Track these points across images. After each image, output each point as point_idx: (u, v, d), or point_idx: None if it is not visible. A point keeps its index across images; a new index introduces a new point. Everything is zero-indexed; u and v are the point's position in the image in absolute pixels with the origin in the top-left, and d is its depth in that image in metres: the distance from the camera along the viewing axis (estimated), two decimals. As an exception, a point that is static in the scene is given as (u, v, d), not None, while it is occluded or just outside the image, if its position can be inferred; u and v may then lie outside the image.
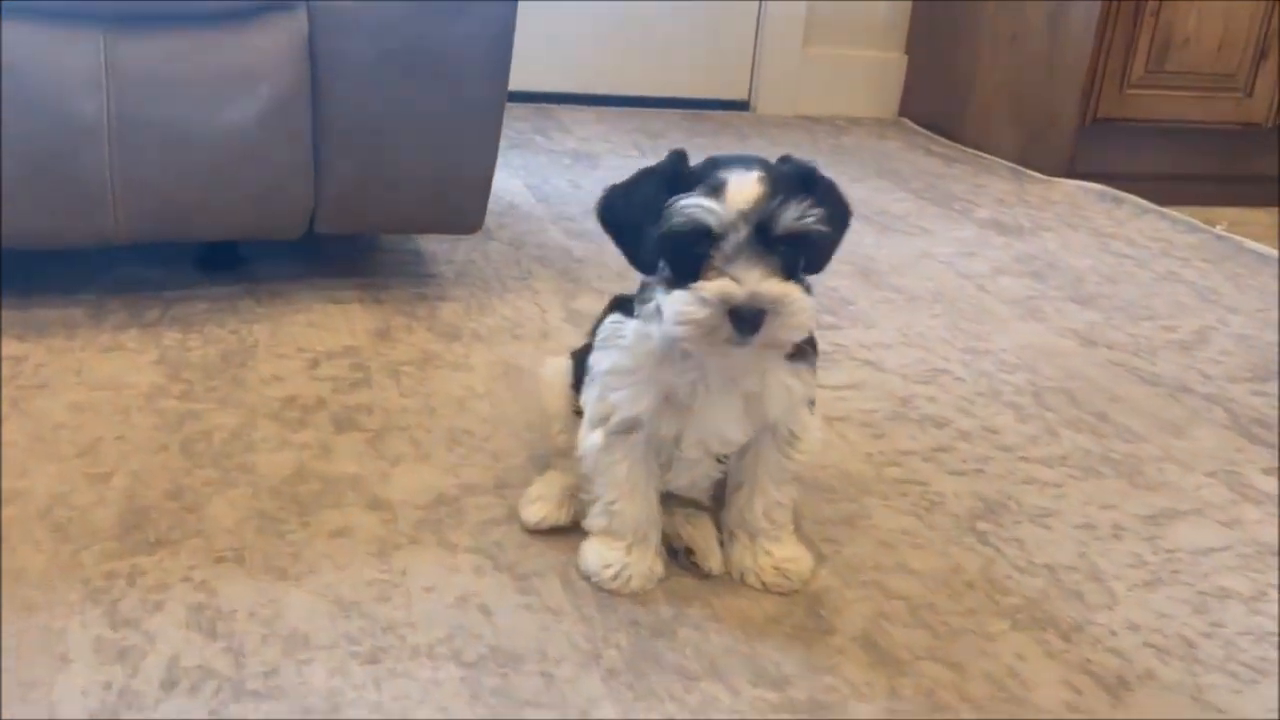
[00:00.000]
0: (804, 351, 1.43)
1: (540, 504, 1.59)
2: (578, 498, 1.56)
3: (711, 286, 1.25)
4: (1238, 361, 2.49)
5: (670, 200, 1.28)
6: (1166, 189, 4.04)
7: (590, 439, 1.47)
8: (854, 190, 3.60)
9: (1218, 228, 3.57)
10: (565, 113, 4.41)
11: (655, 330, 1.37)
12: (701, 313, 1.25)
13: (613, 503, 1.48)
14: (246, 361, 2.04)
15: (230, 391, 1.92)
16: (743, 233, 1.25)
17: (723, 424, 1.41)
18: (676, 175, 1.32)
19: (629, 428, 1.44)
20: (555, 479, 1.62)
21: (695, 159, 1.37)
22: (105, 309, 2.21)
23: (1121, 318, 2.70)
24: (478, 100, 2.32)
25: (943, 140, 4.54)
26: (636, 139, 4.12)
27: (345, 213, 2.30)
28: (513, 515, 1.61)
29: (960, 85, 4.57)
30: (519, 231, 2.95)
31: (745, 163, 1.30)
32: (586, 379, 1.48)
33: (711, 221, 1.25)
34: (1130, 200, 3.78)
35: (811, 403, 1.50)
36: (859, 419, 2.04)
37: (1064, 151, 4.11)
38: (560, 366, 1.65)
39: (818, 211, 1.27)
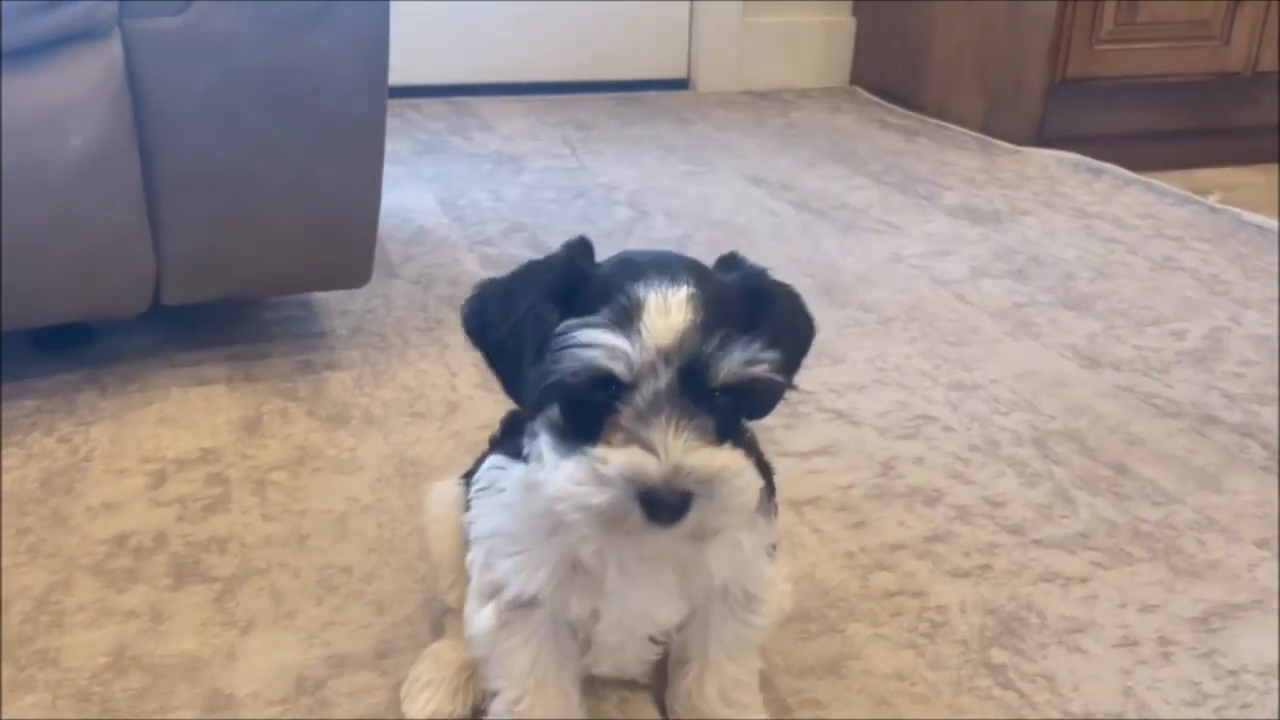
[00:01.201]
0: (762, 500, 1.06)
1: (429, 692, 1.22)
2: (479, 679, 1.19)
3: (616, 460, 0.87)
4: (1261, 373, 2.14)
5: (562, 327, 0.90)
6: (1143, 150, 3.70)
7: (479, 617, 1.10)
8: (808, 180, 3.23)
9: (1210, 198, 3.23)
10: (486, 106, 3.99)
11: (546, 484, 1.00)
12: (599, 496, 0.88)
13: (517, 701, 1.11)
14: (75, 484, 1.64)
15: (47, 535, 1.52)
16: (663, 380, 0.88)
17: (648, 602, 1.05)
18: (573, 284, 0.94)
19: (526, 604, 1.07)
20: (447, 654, 1.25)
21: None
22: (-94, 419, 1.80)
23: (1123, 324, 2.35)
24: (352, 123, 1.91)
25: (899, 110, 4.16)
26: (566, 133, 3.71)
27: (197, 277, 1.89)
28: (395, 702, 1.24)
29: (915, 48, 4.18)
30: (428, 265, 2.55)
31: (671, 271, 0.92)
32: (471, 537, 1.11)
33: (618, 369, 0.88)
34: (1110, 171, 3.43)
35: (773, 546, 1.14)
36: (834, 500, 1.68)
37: (1032, 116, 3.75)
38: (449, 496, 1.27)
39: (771, 355, 0.91)
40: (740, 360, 0.88)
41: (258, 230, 1.88)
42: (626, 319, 0.89)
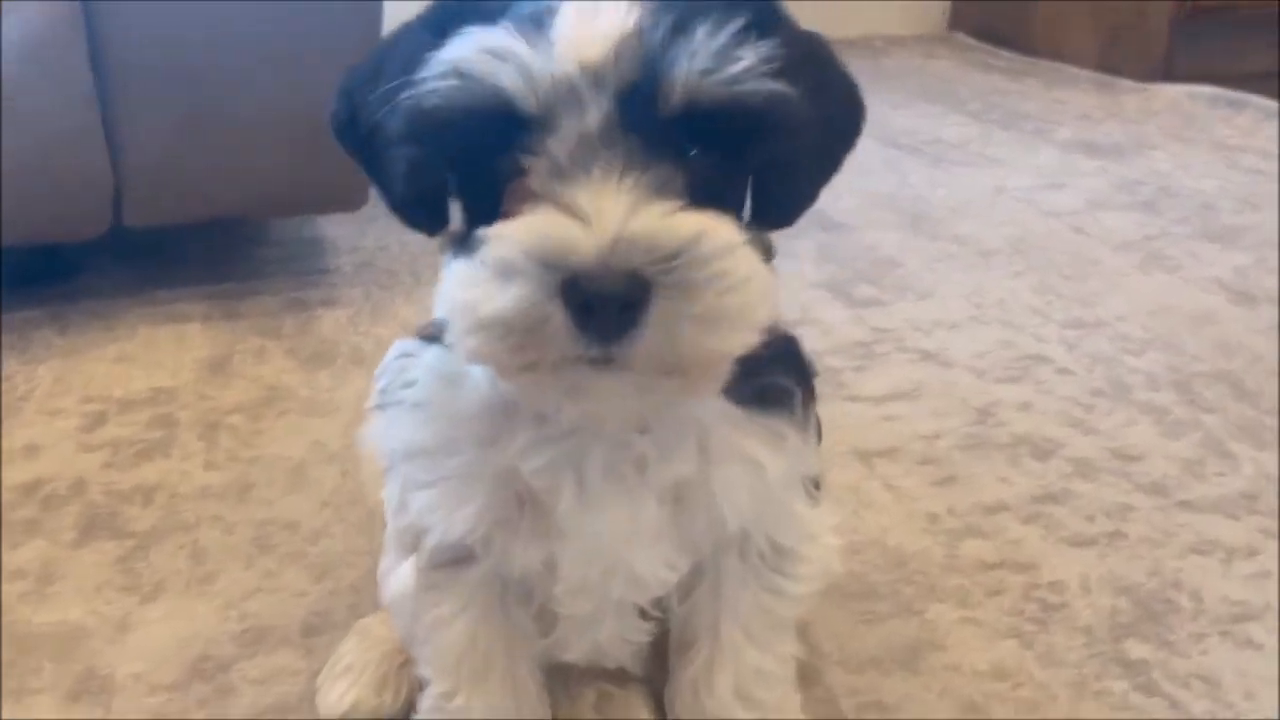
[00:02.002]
0: (782, 392, 0.73)
1: (347, 680, 0.91)
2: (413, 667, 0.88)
3: (518, 231, 0.55)
4: None
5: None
6: (1284, 90, 3.24)
7: (395, 577, 0.79)
8: (897, 119, 2.85)
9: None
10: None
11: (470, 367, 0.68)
12: (499, 297, 0.55)
13: (450, 695, 0.79)
14: (3, 423, 1.39)
15: (-53, 480, 1.27)
16: (594, 114, 0.56)
17: (624, 544, 0.71)
18: (458, 17, 0.61)
19: (457, 557, 0.75)
20: (377, 632, 0.94)
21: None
22: None
23: (1274, 256, 1.93)
24: (343, 5, 1.62)
25: (1004, 53, 3.73)
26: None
27: (163, 194, 1.63)
28: (312, 692, 0.93)
29: (1023, -16, 3.76)
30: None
31: None
32: (381, 464, 0.80)
33: (512, 87, 0.56)
34: (1254, 103, 2.97)
35: (815, 483, 0.80)
36: (915, 451, 1.32)
37: (1156, 53, 3.31)
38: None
39: (774, 60, 0.57)
40: (710, 55, 0.55)
41: (232, 137, 1.61)
42: (531, 25, 0.57)
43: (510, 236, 0.54)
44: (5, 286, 1.74)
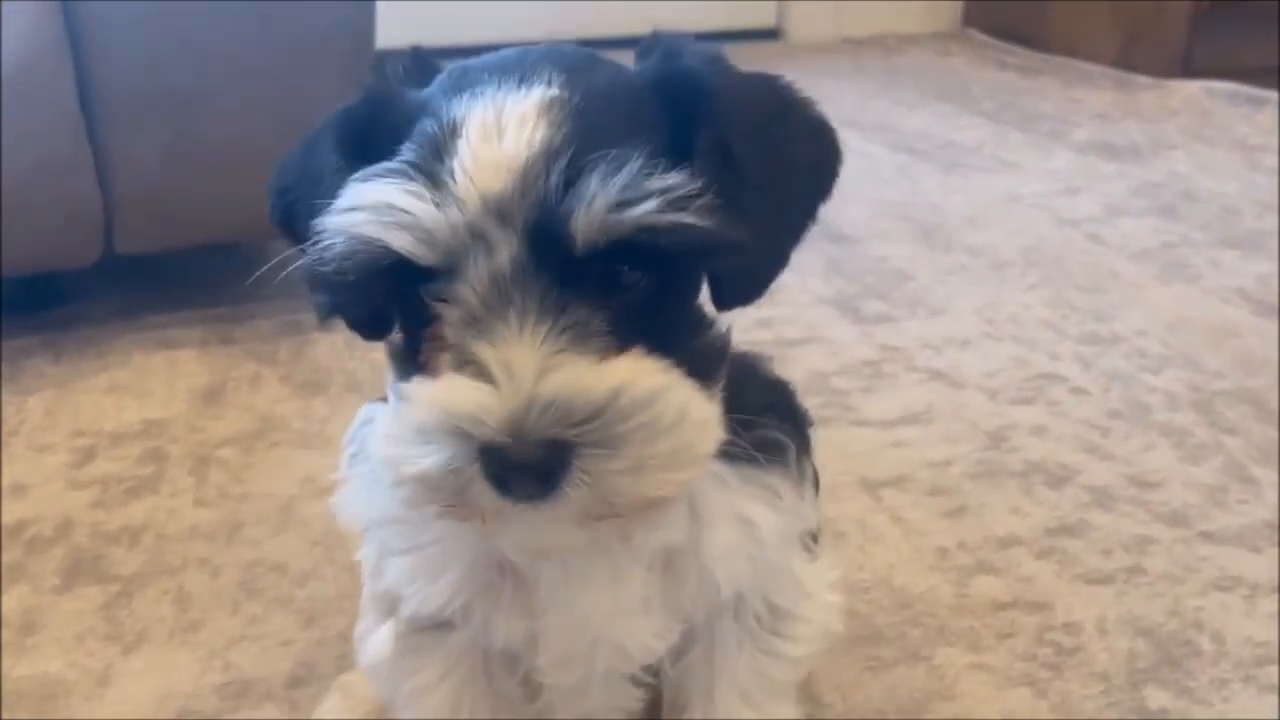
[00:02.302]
0: (775, 445, 0.69)
1: (331, 740, 0.88)
2: None
3: (427, 399, 0.52)
4: None
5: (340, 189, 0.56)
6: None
7: (373, 641, 0.76)
8: (910, 121, 2.80)
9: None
10: (554, 62, 3.66)
11: None
12: (421, 460, 0.52)
13: (432, 766, 0.76)
14: (-10, 462, 1.36)
15: (-68, 522, 1.24)
16: (504, 254, 0.52)
17: (610, 621, 0.67)
18: (372, 120, 0.59)
19: (437, 623, 0.71)
20: (361, 690, 0.91)
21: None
22: None
23: (1304, 264, 1.87)
24: (334, 29, 1.59)
25: (1019, 49, 3.67)
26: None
27: (155, 220, 1.60)
28: (297, 753, 0.90)
29: (1037, -20, 3.69)
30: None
31: (523, 70, 0.56)
32: (357, 529, 0.76)
33: (406, 245, 0.53)
34: (1275, 99, 2.90)
35: (814, 536, 0.76)
36: (924, 480, 1.28)
37: (1175, 47, 3.24)
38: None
39: (678, 180, 0.52)
40: (615, 193, 0.51)
41: (222, 161, 1.57)
42: (432, 157, 0.53)
43: (423, 402, 0.52)
44: (1, 315, 1.72)
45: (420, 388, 0.53)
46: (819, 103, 0.63)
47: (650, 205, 0.51)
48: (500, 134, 0.52)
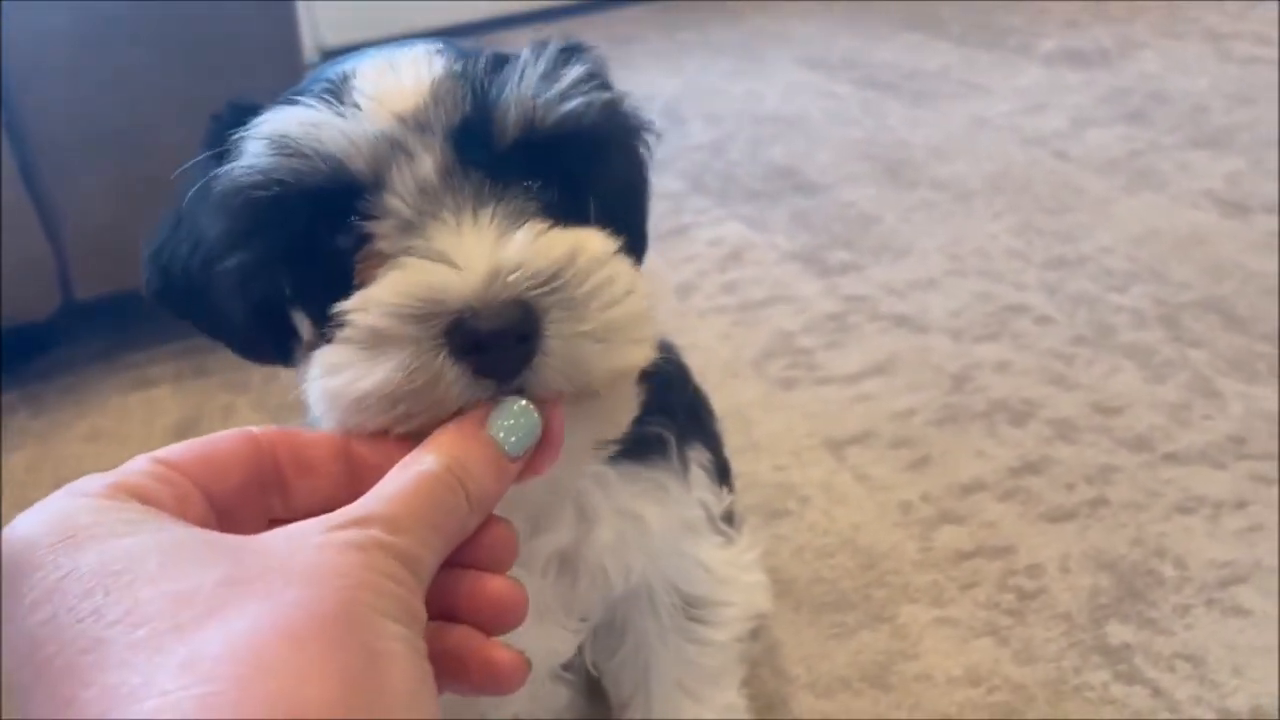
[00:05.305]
0: (656, 440, 0.69)
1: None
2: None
3: (384, 291, 0.50)
4: None
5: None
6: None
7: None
8: (878, 54, 2.76)
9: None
10: (516, 38, 3.63)
11: None
12: (376, 370, 0.49)
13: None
14: (-26, 525, 1.39)
15: (-79, 593, 1.27)
16: (428, 157, 0.53)
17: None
18: (238, 123, 0.58)
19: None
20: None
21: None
22: None
23: (1273, 157, 1.83)
24: (262, 56, 1.59)
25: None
26: (602, 50, 3.31)
27: (108, 263, 1.61)
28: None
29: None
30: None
31: (398, 46, 0.59)
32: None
33: (341, 148, 0.53)
34: (1247, -19, 2.82)
35: (727, 518, 0.76)
36: (888, 433, 1.27)
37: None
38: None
39: (595, 76, 0.58)
40: (537, 78, 0.55)
41: (168, 197, 1.58)
42: (333, 95, 0.55)
43: (374, 300, 0.49)
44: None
45: (367, 292, 0.50)
46: (786, 49, 0.65)
47: (570, 80, 0.55)
48: (396, 70, 0.55)
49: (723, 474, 0.77)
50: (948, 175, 1.98)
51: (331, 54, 3.63)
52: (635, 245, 0.63)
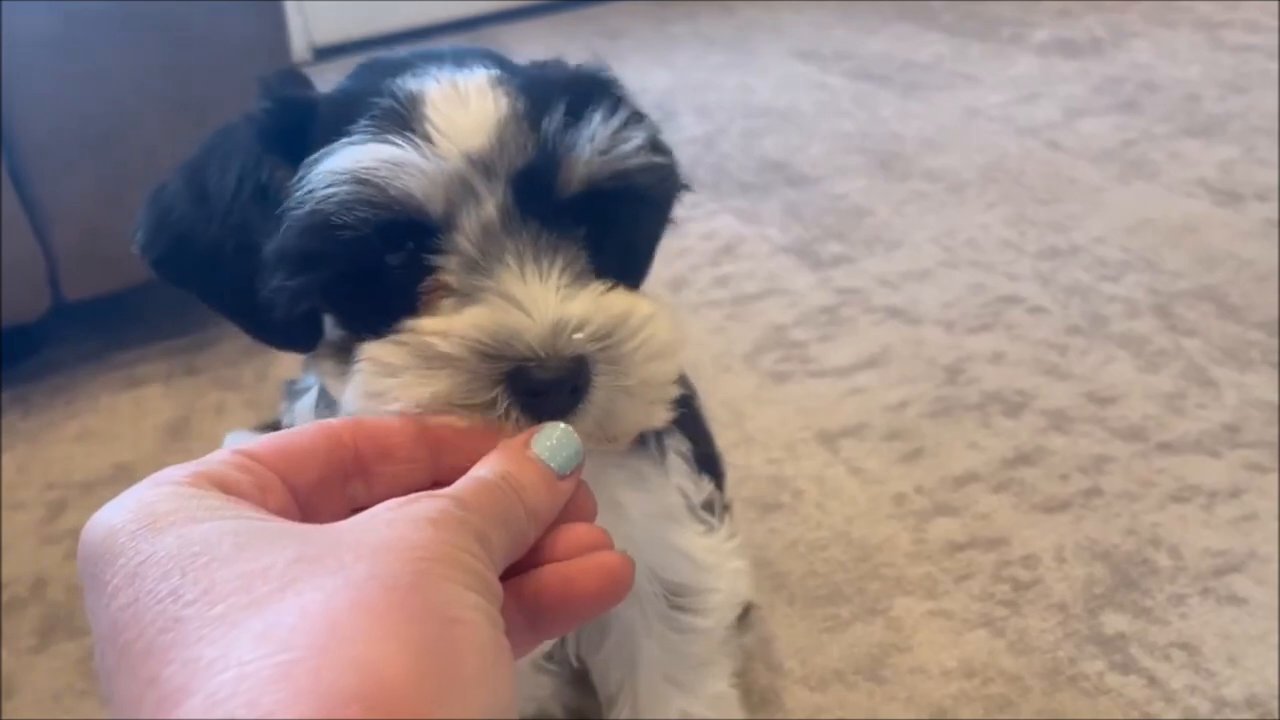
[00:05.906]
0: (646, 439, 0.69)
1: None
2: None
3: (464, 324, 0.52)
4: None
5: (301, 169, 0.55)
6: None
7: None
8: (870, 45, 2.76)
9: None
10: (508, 32, 3.62)
11: None
12: (436, 383, 0.51)
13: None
14: (-35, 527, 1.38)
15: (-89, 595, 1.26)
16: (491, 202, 0.54)
17: None
18: (294, 121, 0.59)
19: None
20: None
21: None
22: None
23: (1266, 144, 1.83)
24: (243, 54, 1.58)
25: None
26: (593, 45, 3.31)
27: (97, 264, 1.60)
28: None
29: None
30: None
31: (453, 59, 0.59)
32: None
33: (425, 191, 0.54)
34: (1239, -31, 2.82)
35: (708, 507, 0.76)
36: (881, 425, 1.27)
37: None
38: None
39: (643, 131, 0.59)
40: (607, 138, 0.56)
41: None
42: (403, 126, 0.54)
43: (456, 329, 0.51)
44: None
45: (442, 320, 0.52)
46: (779, 42, 0.65)
47: (635, 144, 0.57)
48: (464, 101, 0.55)
49: (708, 464, 0.77)
50: (940, 166, 1.97)
51: (323, 53, 3.62)
52: (641, 275, 0.67)
